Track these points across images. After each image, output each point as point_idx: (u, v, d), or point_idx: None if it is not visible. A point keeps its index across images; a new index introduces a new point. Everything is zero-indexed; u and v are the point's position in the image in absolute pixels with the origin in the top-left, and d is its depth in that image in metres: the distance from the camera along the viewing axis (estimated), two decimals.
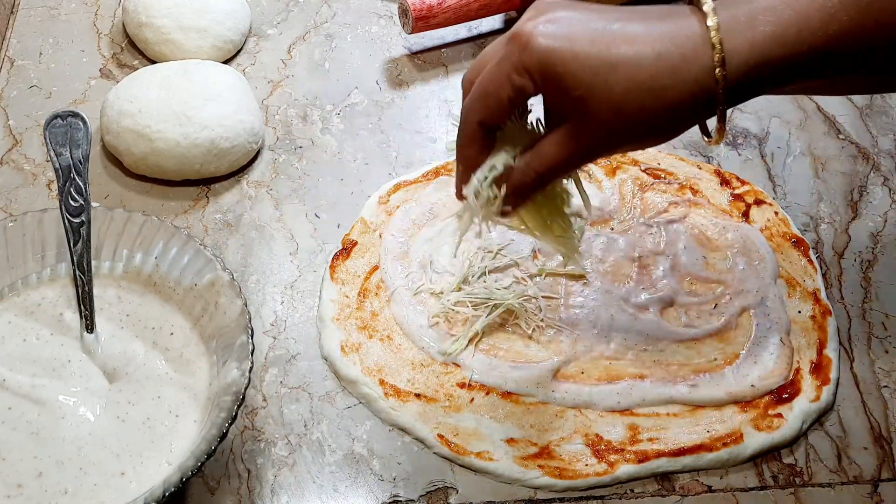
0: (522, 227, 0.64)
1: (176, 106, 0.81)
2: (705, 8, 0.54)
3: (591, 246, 0.78)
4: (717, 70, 0.53)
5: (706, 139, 0.60)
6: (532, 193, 0.59)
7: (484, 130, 0.58)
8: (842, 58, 0.55)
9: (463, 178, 0.60)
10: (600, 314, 0.74)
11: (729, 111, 0.57)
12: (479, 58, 0.59)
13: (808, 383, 0.71)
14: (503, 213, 0.60)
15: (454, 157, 0.86)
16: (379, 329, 0.73)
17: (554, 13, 0.55)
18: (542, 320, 0.73)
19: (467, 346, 0.72)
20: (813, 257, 0.80)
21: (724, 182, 0.85)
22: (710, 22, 0.53)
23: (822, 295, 0.77)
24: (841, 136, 0.91)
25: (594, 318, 0.74)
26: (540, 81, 0.55)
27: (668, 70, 0.53)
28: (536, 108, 0.60)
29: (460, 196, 0.60)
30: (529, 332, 0.73)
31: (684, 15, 0.55)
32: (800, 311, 0.76)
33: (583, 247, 0.76)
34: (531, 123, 0.60)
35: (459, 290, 0.75)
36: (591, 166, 0.85)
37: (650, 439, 0.68)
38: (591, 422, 0.69)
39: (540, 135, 0.59)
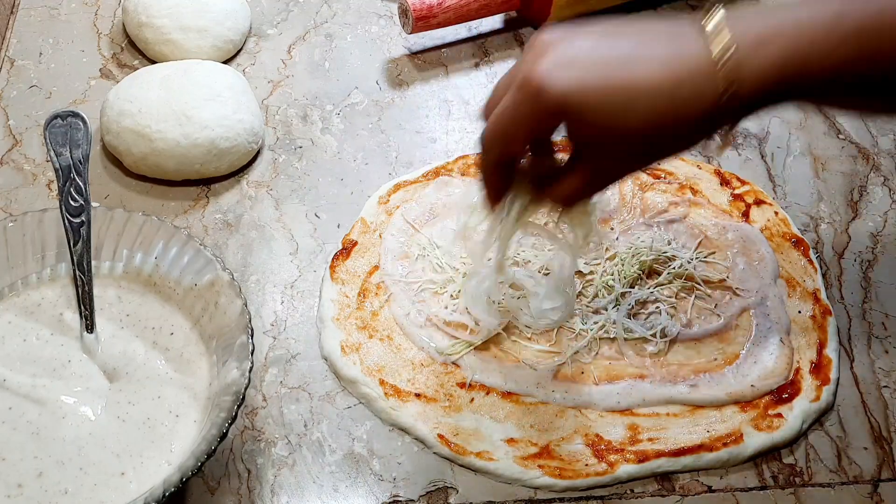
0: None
1: (176, 106, 0.81)
2: (709, 29, 0.54)
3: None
4: (726, 92, 0.54)
5: (708, 151, 0.61)
6: (565, 210, 0.62)
7: (503, 165, 0.60)
8: (851, 83, 0.56)
9: (491, 201, 0.63)
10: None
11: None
12: (494, 90, 0.60)
13: (808, 383, 0.71)
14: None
15: (454, 158, 0.87)
16: (379, 329, 0.73)
17: (558, 51, 0.55)
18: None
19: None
20: (813, 257, 0.80)
21: (724, 182, 0.85)
22: (716, 49, 0.54)
23: (822, 295, 0.77)
24: (841, 136, 0.91)
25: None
26: (557, 123, 0.56)
27: (684, 97, 0.54)
28: None
29: (492, 207, 0.63)
30: (529, 333, 0.73)
31: (691, 35, 0.55)
32: (800, 311, 0.76)
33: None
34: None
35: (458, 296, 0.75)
36: None
37: (650, 439, 0.68)
38: (591, 422, 0.69)
39: (561, 163, 0.61)
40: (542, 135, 0.58)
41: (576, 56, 0.55)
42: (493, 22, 1.00)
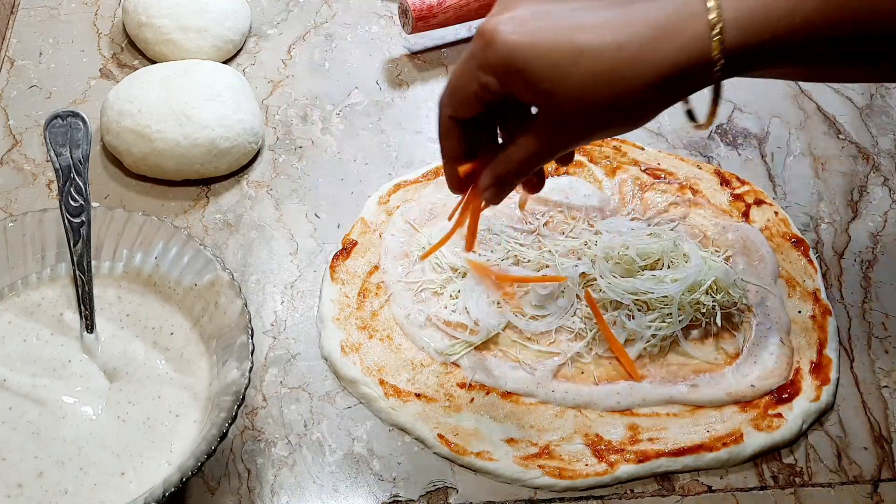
0: None
1: (176, 106, 0.81)
2: None
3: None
4: (715, 41, 0.51)
5: (693, 124, 0.59)
6: (514, 185, 0.60)
7: (456, 123, 0.59)
8: (831, 42, 0.53)
9: (447, 170, 0.61)
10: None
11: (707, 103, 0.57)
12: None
13: (808, 383, 0.71)
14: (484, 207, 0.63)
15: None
16: (379, 329, 0.73)
17: (521, 8, 0.55)
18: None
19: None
20: (813, 257, 0.80)
21: (724, 182, 0.85)
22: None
23: (822, 295, 0.77)
24: (841, 136, 0.91)
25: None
26: (503, 77, 0.55)
27: (627, 60, 0.52)
28: None
29: (454, 189, 0.62)
30: (529, 333, 0.73)
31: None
32: (800, 311, 0.76)
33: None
34: None
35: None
36: (591, 166, 0.85)
37: (650, 439, 0.68)
38: (591, 422, 0.69)
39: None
40: (490, 93, 0.56)
41: (533, 11, 0.54)
42: None
